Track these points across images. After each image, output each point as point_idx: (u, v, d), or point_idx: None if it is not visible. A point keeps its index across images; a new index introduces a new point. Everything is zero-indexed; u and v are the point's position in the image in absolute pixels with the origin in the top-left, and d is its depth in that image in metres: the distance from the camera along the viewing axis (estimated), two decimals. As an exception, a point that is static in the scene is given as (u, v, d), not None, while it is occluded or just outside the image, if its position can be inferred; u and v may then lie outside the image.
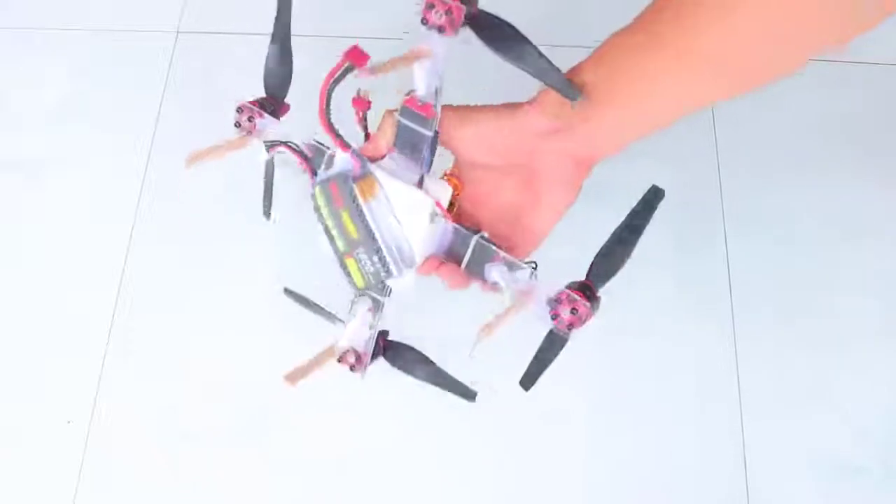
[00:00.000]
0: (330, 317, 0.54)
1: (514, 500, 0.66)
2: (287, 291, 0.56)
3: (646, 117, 0.44)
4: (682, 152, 0.79)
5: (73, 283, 0.74)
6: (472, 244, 0.45)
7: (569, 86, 0.42)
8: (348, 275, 0.46)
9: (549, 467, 0.67)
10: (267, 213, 0.59)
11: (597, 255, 0.46)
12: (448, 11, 0.42)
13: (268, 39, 0.90)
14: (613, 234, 0.46)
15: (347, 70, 0.42)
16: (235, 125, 0.51)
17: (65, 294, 0.74)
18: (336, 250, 0.45)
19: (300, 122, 0.70)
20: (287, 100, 0.58)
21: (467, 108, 0.46)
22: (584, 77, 0.42)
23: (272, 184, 0.58)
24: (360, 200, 0.44)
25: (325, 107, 0.44)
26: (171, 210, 0.77)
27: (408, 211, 0.44)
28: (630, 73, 0.42)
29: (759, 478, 0.66)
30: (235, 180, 0.69)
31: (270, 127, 0.50)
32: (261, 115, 0.50)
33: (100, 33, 0.86)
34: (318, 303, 0.54)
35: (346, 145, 0.44)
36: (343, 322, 0.51)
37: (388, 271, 0.44)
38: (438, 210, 0.45)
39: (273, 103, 0.51)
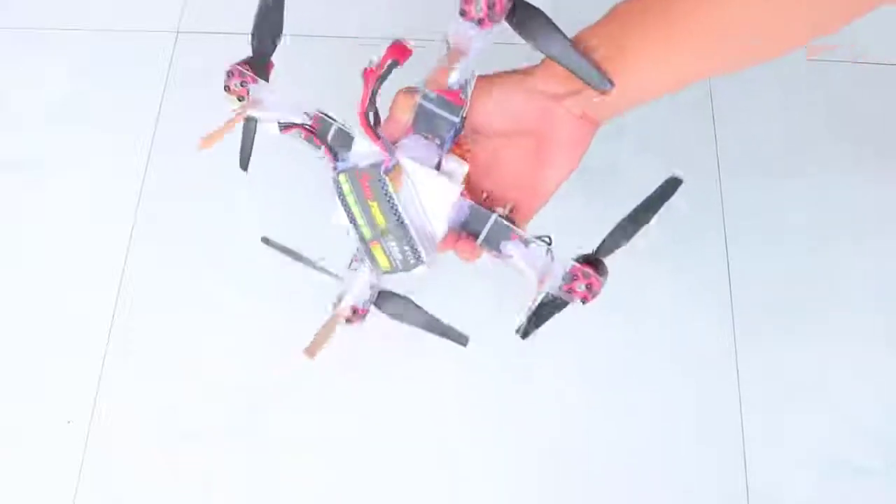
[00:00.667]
0: (314, 265, 0.52)
1: (514, 494, 0.66)
2: (265, 240, 0.54)
3: (650, 83, 0.45)
4: (681, 151, 0.79)
5: (73, 283, 0.74)
6: (489, 223, 0.45)
7: (600, 77, 0.42)
8: (373, 259, 0.46)
9: (548, 464, 0.67)
10: (244, 165, 0.58)
11: (608, 235, 0.47)
12: (491, 5, 0.42)
13: (268, 39, 0.90)
14: (626, 217, 0.47)
15: (392, 66, 0.43)
16: (225, 89, 0.50)
17: (65, 294, 0.74)
18: (361, 236, 0.45)
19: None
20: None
21: (488, 78, 0.46)
22: (591, 42, 0.43)
23: (252, 141, 0.58)
24: (392, 193, 0.43)
25: (366, 108, 0.43)
26: (171, 210, 0.77)
27: (433, 198, 0.44)
28: (636, 39, 0.43)
29: (758, 476, 0.66)
30: (236, 180, 0.69)
31: (265, 93, 0.48)
32: (253, 80, 0.48)
33: (100, 33, 0.86)
34: (300, 252, 0.53)
35: (385, 146, 0.44)
36: (335, 275, 0.50)
37: (418, 258, 0.44)
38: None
39: (261, 63, 0.49)
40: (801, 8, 0.41)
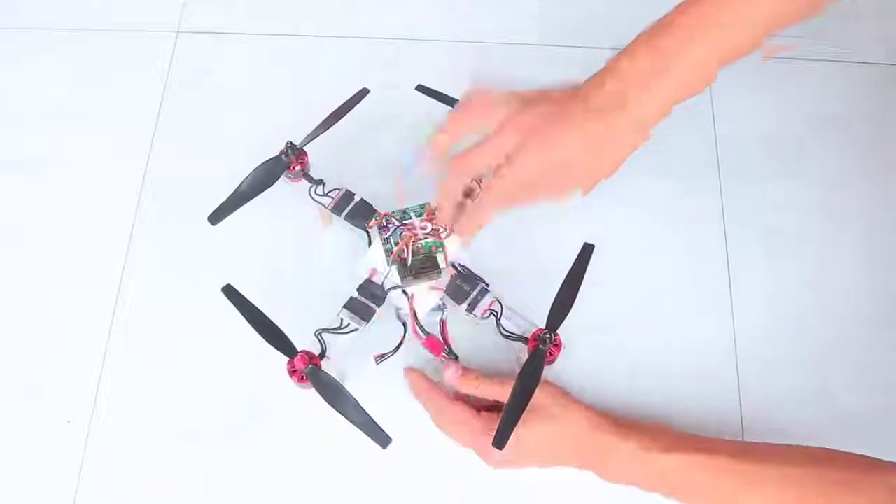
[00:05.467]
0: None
1: (512, 491, 0.66)
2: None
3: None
4: (682, 150, 0.80)
5: (73, 283, 0.74)
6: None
7: (378, 436, 0.58)
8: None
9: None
10: (215, 219, 0.68)
11: (551, 310, 0.61)
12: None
13: (267, 40, 0.91)
14: (560, 291, 0.61)
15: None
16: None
17: (65, 294, 0.73)
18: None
19: (301, 128, 0.71)
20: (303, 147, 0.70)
21: None
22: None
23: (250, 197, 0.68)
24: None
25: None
26: (171, 210, 0.77)
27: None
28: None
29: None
30: (236, 180, 0.69)
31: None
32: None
33: (100, 33, 0.86)
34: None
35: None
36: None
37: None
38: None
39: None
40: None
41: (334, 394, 0.59)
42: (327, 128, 0.70)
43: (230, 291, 0.62)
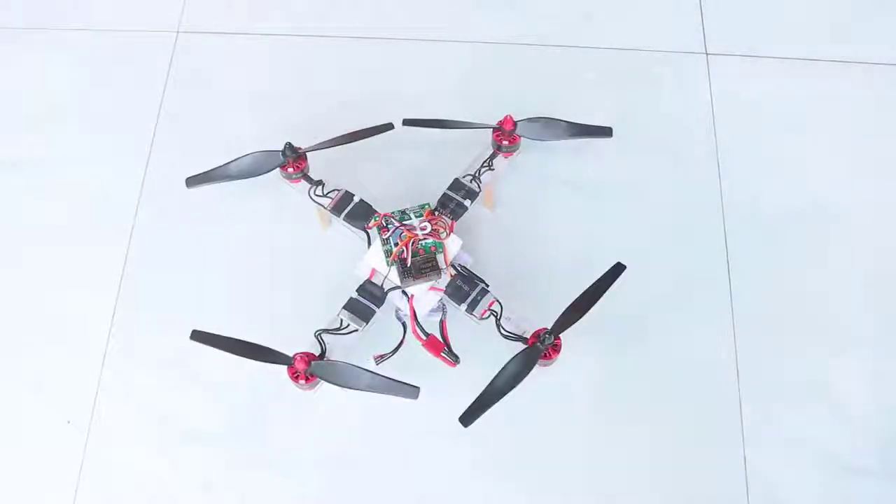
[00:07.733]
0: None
1: (509, 493, 0.66)
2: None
3: None
4: (682, 148, 0.80)
5: (73, 283, 0.74)
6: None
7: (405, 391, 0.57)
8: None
9: (548, 461, 0.67)
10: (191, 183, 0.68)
11: (563, 314, 0.59)
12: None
13: (267, 40, 0.91)
14: (579, 298, 0.59)
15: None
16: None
17: (65, 294, 0.74)
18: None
19: (301, 128, 0.71)
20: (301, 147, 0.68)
21: None
22: None
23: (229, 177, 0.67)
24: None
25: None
26: (170, 210, 0.77)
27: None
28: None
29: (758, 476, 0.66)
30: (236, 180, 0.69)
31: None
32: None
33: (100, 33, 0.86)
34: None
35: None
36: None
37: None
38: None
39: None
40: None
41: (347, 375, 0.58)
42: (338, 144, 0.70)
43: (198, 335, 0.61)
